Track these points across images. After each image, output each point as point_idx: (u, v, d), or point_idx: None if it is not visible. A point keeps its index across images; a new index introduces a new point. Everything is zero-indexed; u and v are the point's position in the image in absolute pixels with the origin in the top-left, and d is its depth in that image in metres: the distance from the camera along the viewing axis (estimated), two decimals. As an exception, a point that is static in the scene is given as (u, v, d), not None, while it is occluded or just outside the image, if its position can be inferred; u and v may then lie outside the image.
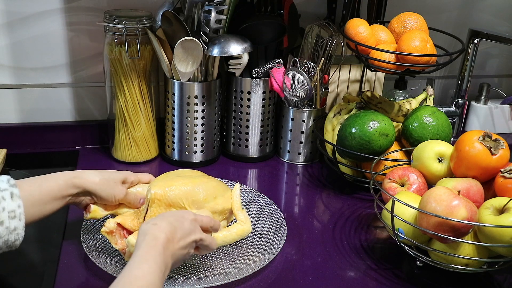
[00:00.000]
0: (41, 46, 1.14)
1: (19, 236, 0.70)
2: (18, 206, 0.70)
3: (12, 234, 0.69)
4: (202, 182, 0.86)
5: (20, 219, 0.70)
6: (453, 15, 1.39)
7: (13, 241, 0.70)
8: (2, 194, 0.69)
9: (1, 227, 0.68)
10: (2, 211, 0.68)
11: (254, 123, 1.17)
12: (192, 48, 1.02)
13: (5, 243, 0.69)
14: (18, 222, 0.70)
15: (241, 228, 0.86)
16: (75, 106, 1.21)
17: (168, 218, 0.71)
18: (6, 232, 0.69)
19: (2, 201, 0.69)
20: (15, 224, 0.69)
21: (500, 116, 1.43)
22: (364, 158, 1.04)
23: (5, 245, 0.70)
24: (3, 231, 0.68)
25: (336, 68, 1.23)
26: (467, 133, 0.86)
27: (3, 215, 0.68)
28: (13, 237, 0.70)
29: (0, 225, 0.68)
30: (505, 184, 0.80)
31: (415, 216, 0.82)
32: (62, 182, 0.77)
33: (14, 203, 0.69)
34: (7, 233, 0.69)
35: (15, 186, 0.71)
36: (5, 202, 0.69)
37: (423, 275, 0.86)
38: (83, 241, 0.84)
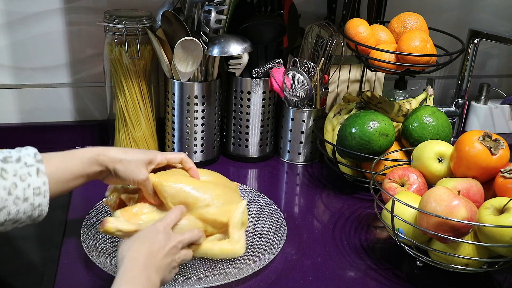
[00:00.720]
0: (41, 46, 1.14)
1: (42, 212, 0.71)
2: (44, 183, 0.70)
3: (36, 210, 0.70)
4: (203, 186, 0.82)
5: (45, 196, 0.70)
6: (453, 15, 1.39)
7: (36, 216, 0.71)
8: (28, 170, 0.69)
9: (26, 203, 0.68)
10: (28, 187, 0.68)
11: (254, 123, 1.17)
12: (192, 48, 1.02)
13: (29, 218, 0.70)
14: (42, 198, 0.70)
15: (228, 247, 0.79)
16: (75, 106, 1.21)
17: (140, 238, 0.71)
18: (31, 208, 0.69)
19: (28, 178, 0.68)
20: (39, 201, 0.70)
21: (500, 116, 1.43)
22: (364, 158, 1.04)
23: (29, 219, 0.70)
24: (28, 207, 0.69)
25: (336, 68, 1.23)
26: (467, 133, 0.86)
27: (28, 191, 0.68)
28: (37, 213, 0.70)
29: (25, 201, 0.68)
30: (505, 184, 0.80)
31: (415, 216, 0.82)
32: (86, 160, 0.76)
33: (40, 179, 0.69)
34: (31, 209, 0.69)
35: (41, 162, 0.71)
36: (31, 179, 0.69)
37: (423, 275, 0.86)
38: (83, 241, 0.84)
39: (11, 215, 0.67)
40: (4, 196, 0.66)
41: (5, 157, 0.69)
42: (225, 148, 1.23)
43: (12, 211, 0.67)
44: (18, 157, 0.70)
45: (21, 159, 0.70)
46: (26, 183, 0.68)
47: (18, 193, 0.67)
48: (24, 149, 0.72)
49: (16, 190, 0.67)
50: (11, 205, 0.67)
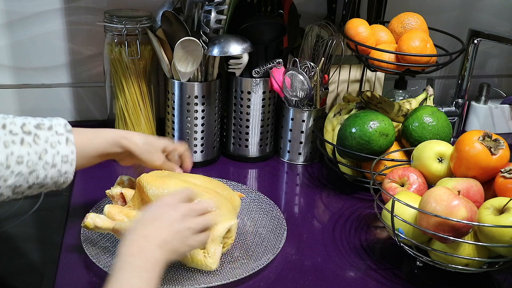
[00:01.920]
0: (41, 46, 1.14)
1: (68, 179, 0.75)
2: (72, 152, 0.74)
3: (62, 176, 0.74)
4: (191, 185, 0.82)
5: (72, 164, 0.74)
6: (453, 15, 1.39)
7: (61, 183, 0.75)
8: (58, 138, 0.73)
9: (54, 169, 0.72)
10: (57, 154, 0.72)
11: (254, 123, 1.17)
12: (192, 48, 1.02)
13: (54, 184, 0.74)
14: (69, 166, 0.74)
15: (200, 258, 0.77)
16: (75, 106, 1.21)
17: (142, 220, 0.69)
18: (58, 174, 0.73)
19: (58, 145, 0.72)
20: (66, 168, 0.74)
21: (500, 116, 1.43)
22: (364, 158, 1.04)
23: (54, 185, 0.75)
24: (55, 173, 0.73)
25: (336, 68, 1.23)
26: (467, 133, 0.86)
27: (57, 158, 0.72)
28: (62, 179, 0.74)
29: (53, 167, 0.72)
30: (505, 184, 0.80)
31: (415, 216, 0.82)
32: (110, 140, 0.81)
33: (68, 148, 0.73)
34: (58, 175, 0.73)
35: (71, 132, 0.75)
36: (60, 146, 0.73)
37: (423, 275, 0.86)
38: (83, 241, 0.84)
39: (39, 179, 0.71)
40: (35, 160, 0.70)
41: (38, 124, 0.73)
42: (225, 148, 1.23)
43: (41, 175, 0.71)
44: (50, 125, 0.74)
45: (53, 128, 0.74)
46: (55, 150, 0.72)
47: (48, 159, 0.71)
48: (55, 119, 0.76)
49: (46, 156, 0.71)
50: (40, 169, 0.71)
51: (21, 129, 0.71)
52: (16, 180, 0.69)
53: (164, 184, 0.81)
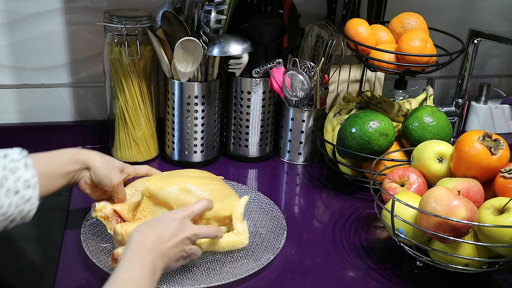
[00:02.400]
0: (41, 46, 1.14)
1: (33, 206, 0.72)
2: (33, 175, 0.71)
3: (27, 203, 0.71)
4: (200, 184, 0.85)
5: (35, 188, 0.71)
6: (453, 15, 1.39)
7: (27, 212, 0.71)
8: (16, 164, 0.70)
9: (16, 196, 0.69)
10: (18, 180, 0.69)
11: (254, 123, 1.17)
12: (192, 48, 1.02)
13: (19, 213, 0.71)
14: (32, 191, 0.71)
15: (234, 238, 0.83)
16: (75, 106, 1.21)
17: (153, 223, 0.72)
18: (22, 201, 0.70)
19: (17, 171, 0.70)
20: (30, 194, 0.71)
21: (500, 116, 1.43)
22: (364, 158, 1.04)
23: (20, 215, 0.71)
24: (19, 200, 0.69)
25: (336, 68, 1.23)
26: (467, 133, 0.86)
27: (18, 184, 0.69)
28: (27, 207, 0.71)
29: (16, 194, 0.69)
30: (505, 184, 0.80)
31: (415, 216, 0.82)
32: (67, 157, 0.79)
33: (29, 172, 0.71)
34: (23, 202, 0.70)
35: (27, 157, 0.72)
36: (20, 172, 0.70)
37: (423, 275, 0.86)
38: (83, 241, 0.84)
39: (3, 208, 0.68)
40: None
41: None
42: (225, 148, 1.23)
43: (5, 204, 0.68)
44: (5, 154, 0.72)
45: (8, 156, 0.72)
46: (16, 175, 0.70)
47: (10, 185, 0.69)
48: (8, 149, 0.74)
49: (7, 183, 0.68)
50: (3, 197, 0.68)
51: None
52: None
53: (172, 183, 0.83)
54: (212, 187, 0.85)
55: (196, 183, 0.85)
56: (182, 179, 0.85)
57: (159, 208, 0.82)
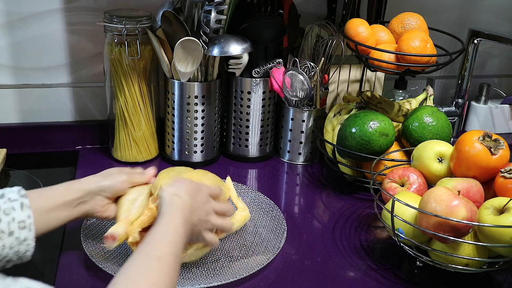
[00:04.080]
0: (41, 46, 1.14)
1: (29, 247, 0.70)
2: (28, 216, 0.70)
3: (22, 244, 0.69)
4: (202, 177, 0.86)
5: (30, 229, 0.70)
6: (453, 15, 1.39)
7: (23, 252, 0.70)
8: (12, 204, 0.69)
9: (11, 238, 0.68)
10: (12, 221, 0.68)
11: (254, 123, 1.17)
12: (192, 48, 1.02)
13: (15, 254, 0.69)
14: (28, 232, 0.69)
15: (243, 214, 0.89)
16: (75, 106, 1.21)
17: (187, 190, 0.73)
18: (17, 242, 0.69)
19: (12, 212, 0.68)
20: (25, 235, 0.69)
21: (500, 116, 1.43)
22: (364, 158, 1.04)
23: (16, 256, 0.69)
24: (14, 241, 0.68)
25: (336, 68, 1.23)
26: (467, 133, 0.86)
27: (13, 225, 0.68)
28: (23, 248, 0.70)
29: (10, 235, 0.68)
30: (505, 184, 0.80)
31: (415, 216, 0.82)
32: (62, 188, 0.77)
33: (24, 213, 0.69)
34: (18, 243, 0.69)
35: (25, 197, 0.71)
36: (15, 213, 0.69)
37: (423, 275, 0.86)
38: (83, 241, 0.84)
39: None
40: None
41: None
42: (225, 148, 1.23)
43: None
44: (2, 193, 0.70)
45: (5, 195, 0.70)
46: (10, 217, 0.68)
47: (3, 227, 0.67)
48: (8, 188, 0.72)
49: (1, 224, 0.67)
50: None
51: None
52: None
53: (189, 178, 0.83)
54: (209, 177, 0.87)
55: (199, 177, 0.85)
56: (190, 174, 0.85)
57: None
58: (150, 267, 0.59)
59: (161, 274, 0.59)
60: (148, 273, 0.59)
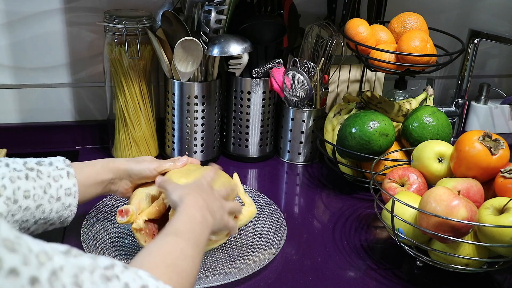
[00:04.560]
0: (41, 46, 1.14)
1: (72, 213, 0.76)
2: (74, 184, 0.75)
3: (66, 210, 0.75)
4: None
5: (75, 196, 0.75)
6: (453, 15, 1.39)
7: (66, 217, 0.75)
8: (60, 172, 0.74)
9: (58, 203, 0.73)
10: (60, 187, 0.73)
11: (254, 123, 1.17)
12: (192, 48, 1.02)
13: (59, 219, 0.74)
14: (73, 199, 0.75)
15: (250, 210, 0.90)
16: (75, 106, 1.21)
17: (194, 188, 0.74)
18: (62, 207, 0.74)
19: (60, 179, 0.74)
20: (70, 201, 0.75)
21: (500, 116, 1.43)
22: (364, 158, 1.04)
23: (59, 220, 0.75)
24: (60, 206, 0.73)
25: (336, 68, 1.23)
26: (467, 133, 0.86)
27: (60, 191, 0.73)
28: (67, 213, 0.75)
29: (58, 200, 0.73)
30: (505, 184, 0.80)
31: (415, 216, 0.82)
32: (99, 166, 0.81)
33: (70, 181, 0.75)
34: (63, 208, 0.74)
35: (70, 166, 0.76)
36: (63, 180, 0.74)
37: (423, 275, 0.86)
38: (83, 241, 0.84)
39: (45, 213, 0.72)
40: (41, 194, 0.71)
41: (39, 161, 0.74)
42: (225, 148, 1.23)
43: (47, 209, 0.72)
44: (50, 161, 0.75)
45: (53, 163, 0.75)
46: (59, 183, 0.73)
47: (52, 192, 0.72)
48: (53, 157, 0.77)
49: (51, 190, 0.72)
50: (46, 203, 0.72)
51: (24, 166, 0.71)
52: (24, 214, 0.69)
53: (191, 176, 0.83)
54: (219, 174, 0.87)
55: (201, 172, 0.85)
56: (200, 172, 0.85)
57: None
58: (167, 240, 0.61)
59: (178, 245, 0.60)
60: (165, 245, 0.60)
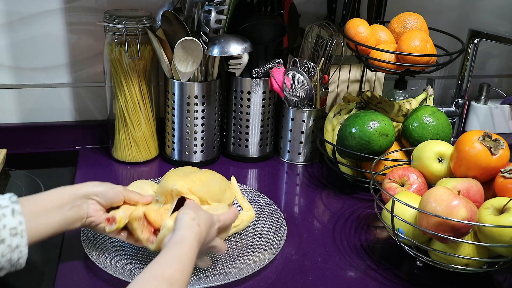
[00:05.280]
0: (41, 46, 1.14)
1: (22, 254, 0.69)
2: (20, 222, 0.68)
3: (15, 252, 0.68)
4: (211, 176, 0.87)
5: (22, 236, 0.68)
6: (453, 15, 1.39)
7: (16, 260, 0.68)
8: (2, 211, 0.68)
9: (2, 245, 0.66)
10: (3, 228, 0.67)
11: (254, 123, 1.17)
12: (192, 48, 1.02)
13: (8, 262, 0.68)
14: (20, 239, 0.68)
15: (248, 214, 0.90)
16: (75, 106, 1.21)
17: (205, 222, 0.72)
18: (9, 250, 0.67)
19: (3, 218, 0.67)
20: (17, 242, 0.68)
21: (500, 116, 1.43)
22: (364, 158, 1.04)
23: (9, 264, 0.68)
24: (5, 249, 0.67)
25: (336, 68, 1.23)
26: (467, 133, 0.86)
27: (3, 232, 0.67)
28: (16, 255, 0.68)
29: (1, 243, 0.66)
30: (505, 184, 0.80)
31: (415, 216, 0.82)
32: (53, 192, 0.75)
33: (15, 219, 0.68)
34: (10, 251, 0.67)
35: (16, 203, 0.69)
36: (6, 219, 0.67)
37: (423, 275, 0.86)
38: (83, 241, 0.84)
39: None
40: None
41: None
42: (225, 148, 1.23)
43: None
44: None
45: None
46: (1, 223, 0.67)
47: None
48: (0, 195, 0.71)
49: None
50: None
51: None
52: None
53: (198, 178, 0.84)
54: (217, 177, 0.88)
55: (208, 176, 0.86)
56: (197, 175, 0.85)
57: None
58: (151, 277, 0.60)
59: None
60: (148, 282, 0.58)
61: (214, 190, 0.84)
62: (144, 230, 0.78)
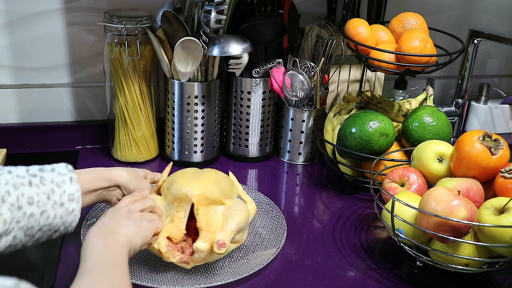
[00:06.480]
0: (41, 46, 1.14)
1: (75, 218, 0.75)
2: (77, 189, 0.75)
3: (70, 215, 0.74)
4: (216, 175, 0.87)
5: (78, 201, 0.75)
6: (453, 15, 1.39)
7: (70, 223, 0.75)
8: (62, 178, 0.74)
9: (62, 208, 0.73)
10: (63, 193, 0.73)
11: (254, 123, 1.17)
12: (192, 48, 1.02)
13: (63, 224, 0.74)
14: (76, 204, 0.75)
15: (252, 207, 0.89)
16: (75, 106, 1.21)
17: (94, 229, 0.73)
18: (66, 213, 0.73)
19: (63, 185, 0.74)
20: (73, 206, 0.74)
21: (500, 116, 1.43)
22: (364, 158, 1.04)
23: (63, 226, 0.74)
24: (63, 212, 0.73)
25: (336, 68, 1.23)
26: (467, 133, 0.86)
27: (64, 197, 0.73)
28: (70, 219, 0.74)
29: (61, 206, 0.73)
30: (505, 184, 0.80)
31: (415, 216, 0.82)
32: (93, 175, 0.81)
33: (73, 186, 0.75)
34: (66, 214, 0.74)
35: (73, 172, 0.76)
36: (66, 186, 0.74)
37: (423, 275, 0.86)
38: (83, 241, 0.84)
39: (49, 219, 0.72)
40: (45, 200, 0.71)
41: (41, 167, 0.74)
42: (225, 148, 1.23)
43: (51, 215, 0.72)
44: (52, 167, 0.75)
45: (55, 169, 0.75)
46: (62, 189, 0.73)
47: (56, 198, 0.72)
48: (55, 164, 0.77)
49: (54, 196, 0.72)
50: (50, 209, 0.71)
51: (26, 172, 0.72)
52: (28, 221, 0.69)
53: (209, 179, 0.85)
54: (222, 175, 0.89)
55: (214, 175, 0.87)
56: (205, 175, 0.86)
57: (214, 206, 0.83)
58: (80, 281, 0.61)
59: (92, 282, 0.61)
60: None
61: (224, 189, 0.85)
62: (174, 253, 0.79)
